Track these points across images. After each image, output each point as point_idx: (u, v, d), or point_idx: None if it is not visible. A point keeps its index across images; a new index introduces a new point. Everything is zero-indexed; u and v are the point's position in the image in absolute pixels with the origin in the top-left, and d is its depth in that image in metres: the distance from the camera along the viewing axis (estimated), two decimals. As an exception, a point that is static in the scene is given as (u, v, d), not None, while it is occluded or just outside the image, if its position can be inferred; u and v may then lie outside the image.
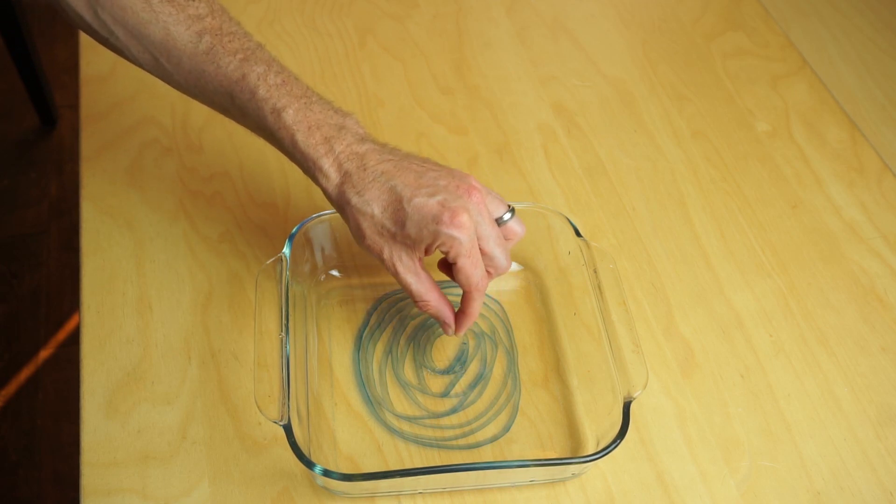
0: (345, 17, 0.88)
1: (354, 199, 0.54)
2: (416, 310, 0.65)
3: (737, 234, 0.73)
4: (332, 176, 0.55)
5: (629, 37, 0.90)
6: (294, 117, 0.55)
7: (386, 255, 0.55)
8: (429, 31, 0.88)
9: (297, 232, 0.61)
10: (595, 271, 0.60)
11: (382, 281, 0.67)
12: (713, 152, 0.79)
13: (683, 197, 0.75)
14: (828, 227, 0.74)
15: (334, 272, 0.67)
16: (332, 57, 0.84)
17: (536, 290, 0.67)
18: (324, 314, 0.65)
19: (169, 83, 0.58)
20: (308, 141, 0.55)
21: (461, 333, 0.59)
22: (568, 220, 0.63)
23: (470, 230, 0.53)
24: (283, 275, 0.58)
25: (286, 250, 0.59)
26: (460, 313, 0.58)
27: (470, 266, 0.54)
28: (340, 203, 0.55)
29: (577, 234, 0.62)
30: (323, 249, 0.65)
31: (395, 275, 0.55)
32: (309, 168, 0.55)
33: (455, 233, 0.52)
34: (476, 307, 0.57)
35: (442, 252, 0.54)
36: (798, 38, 0.91)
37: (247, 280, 0.66)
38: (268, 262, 0.59)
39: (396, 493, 0.56)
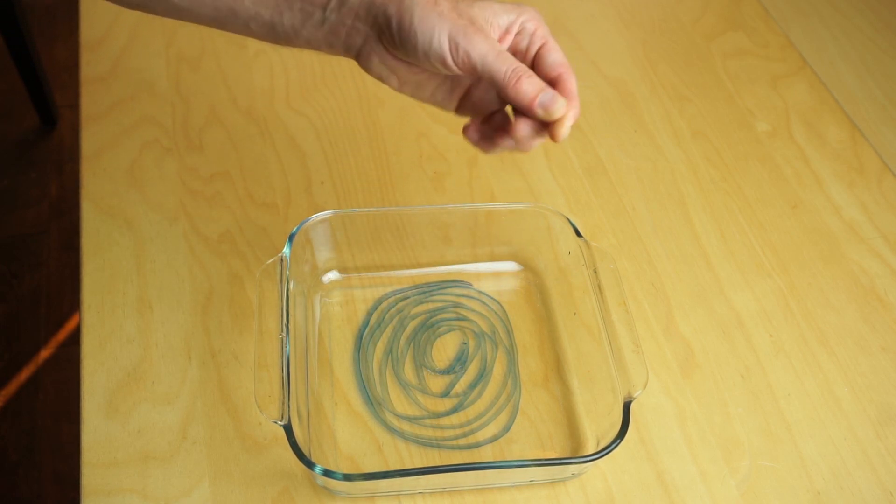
0: (345, 17, 0.88)
1: None
2: (416, 310, 0.65)
3: (737, 234, 0.73)
4: None
5: (629, 37, 0.90)
6: None
7: (466, 14, 0.48)
8: (429, 31, 0.88)
9: (297, 232, 0.61)
10: (595, 271, 0.60)
11: (382, 281, 0.67)
12: (713, 152, 0.79)
13: (683, 197, 0.75)
14: (828, 227, 0.74)
15: (334, 272, 0.67)
16: (333, 57, 0.84)
17: (536, 290, 0.67)
18: (324, 314, 0.65)
19: None
20: None
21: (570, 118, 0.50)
22: (568, 220, 0.63)
23: None
24: (283, 275, 0.58)
25: (286, 250, 0.59)
26: (570, 97, 0.50)
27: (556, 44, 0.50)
28: None
29: (577, 234, 0.62)
30: (323, 249, 0.66)
31: (488, 37, 0.48)
32: None
33: (532, 10, 0.50)
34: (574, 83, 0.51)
35: (523, 28, 0.50)
36: (798, 38, 0.91)
37: (247, 280, 0.66)
38: (268, 262, 0.59)
39: (396, 493, 0.56)
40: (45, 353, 1.46)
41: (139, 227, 0.68)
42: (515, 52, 0.52)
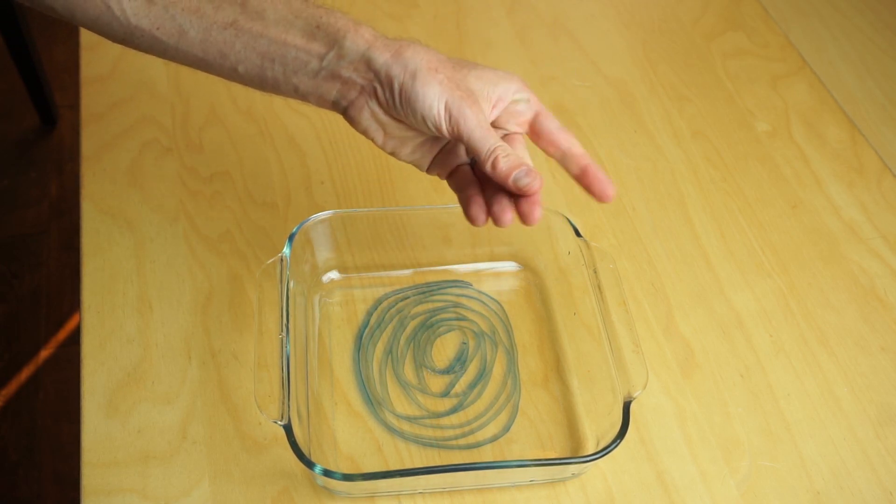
0: (345, 17, 0.88)
1: (406, 44, 0.51)
2: (416, 310, 0.65)
3: (737, 234, 0.73)
4: (370, 33, 0.51)
5: (629, 37, 0.90)
6: None
7: (463, 86, 0.50)
8: (429, 31, 0.88)
9: (297, 232, 0.61)
10: (595, 271, 0.60)
11: (382, 281, 0.67)
12: (713, 152, 0.79)
13: (683, 197, 0.75)
14: (828, 227, 0.74)
15: (334, 272, 0.67)
16: (333, 57, 0.84)
17: (536, 290, 0.67)
18: (324, 314, 0.65)
19: (157, 33, 0.53)
20: (338, 13, 0.52)
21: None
22: (568, 220, 0.63)
23: None
24: (284, 275, 0.58)
25: (286, 250, 0.59)
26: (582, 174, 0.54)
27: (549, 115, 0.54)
28: (395, 45, 0.51)
29: (577, 234, 0.62)
30: (323, 249, 0.66)
31: (479, 113, 0.50)
32: (343, 28, 0.51)
33: (520, 80, 0.53)
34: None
35: (518, 101, 0.53)
36: (798, 38, 0.91)
37: (247, 280, 0.66)
38: (268, 262, 0.59)
39: (396, 493, 0.56)
40: (45, 353, 1.46)
41: (139, 227, 0.68)
42: (511, 118, 0.55)
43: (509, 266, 0.68)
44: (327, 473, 0.50)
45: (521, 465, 0.53)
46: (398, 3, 0.90)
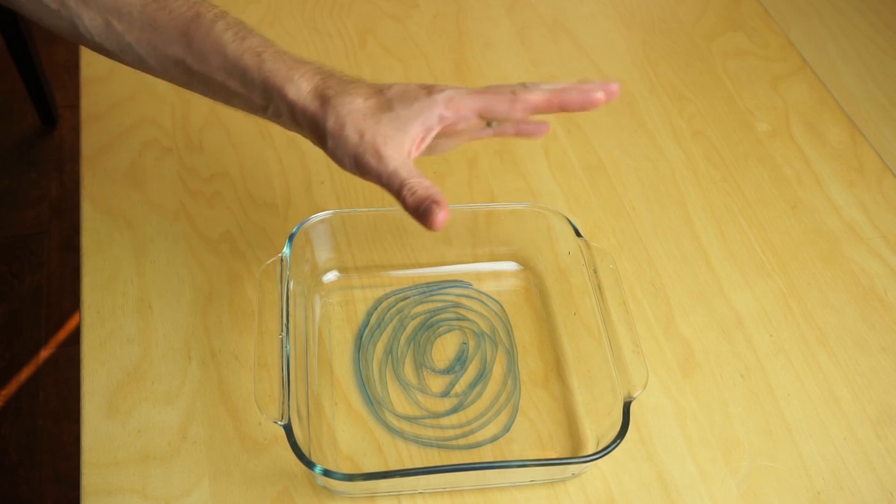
0: (345, 17, 0.88)
1: (334, 94, 0.52)
2: (416, 310, 0.65)
3: (737, 234, 0.73)
4: (305, 84, 0.53)
5: (629, 37, 0.90)
6: (261, 40, 0.54)
7: (368, 136, 0.52)
8: (429, 31, 0.88)
9: (297, 232, 0.61)
10: (595, 271, 0.60)
11: (382, 281, 0.67)
12: (713, 152, 0.79)
13: (683, 197, 0.75)
14: (828, 227, 0.74)
15: (334, 272, 0.67)
16: (333, 57, 0.84)
17: (536, 290, 0.67)
18: (324, 314, 0.65)
19: (122, 57, 0.56)
20: (278, 58, 0.53)
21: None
22: (568, 220, 0.63)
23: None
24: (284, 275, 0.58)
25: (286, 250, 0.59)
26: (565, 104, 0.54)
27: (490, 92, 0.53)
28: (318, 101, 0.52)
29: (577, 234, 0.62)
30: (323, 249, 0.66)
31: (380, 161, 0.52)
32: (274, 86, 0.53)
33: (450, 91, 0.53)
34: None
35: (446, 119, 0.53)
36: (798, 38, 0.91)
37: (247, 280, 0.66)
38: (268, 262, 0.59)
39: (396, 493, 0.56)
40: (45, 353, 1.46)
41: (139, 227, 0.68)
42: (454, 131, 0.55)
43: (509, 266, 0.68)
44: (327, 473, 0.50)
45: (522, 465, 0.53)
46: (398, 3, 0.90)
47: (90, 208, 0.69)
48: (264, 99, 0.54)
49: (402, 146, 0.52)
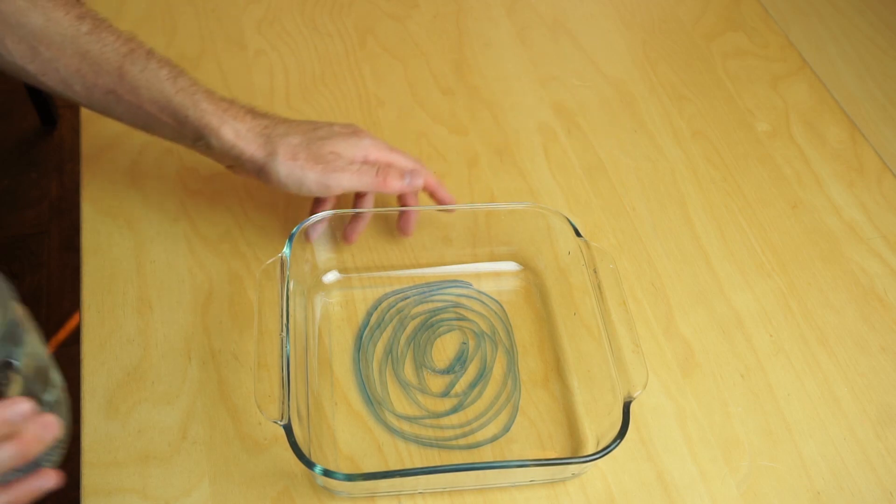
0: (345, 17, 0.88)
1: (276, 133, 0.59)
2: (416, 310, 0.65)
3: (737, 234, 0.73)
4: (241, 125, 0.59)
5: (629, 37, 0.90)
6: (191, 80, 0.59)
7: (317, 169, 0.59)
8: (429, 31, 0.88)
9: (297, 232, 0.61)
10: (595, 271, 0.60)
11: (382, 281, 0.67)
12: (713, 152, 0.79)
13: (683, 197, 0.75)
14: (828, 227, 0.74)
15: (334, 272, 0.67)
16: (332, 57, 0.84)
17: (536, 290, 0.67)
18: (324, 314, 0.65)
19: (43, 79, 0.58)
20: (210, 99, 0.58)
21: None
22: (568, 220, 0.63)
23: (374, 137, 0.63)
24: (284, 275, 0.58)
25: (286, 250, 0.59)
26: (433, 193, 0.66)
27: (398, 154, 0.63)
28: (261, 139, 0.59)
29: (577, 234, 0.62)
30: (323, 249, 0.65)
31: (335, 185, 0.59)
32: (210, 125, 0.58)
33: (368, 138, 0.62)
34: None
35: (366, 159, 0.61)
36: (798, 38, 0.91)
37: (247, 280, 0.66)
38: (268, 262, 0.59)
39: (396, 493, 0.56)
40: (45, 353, 1.46)
41: (139, 227, 0.68)
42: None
43: (509, 266, 0.68)
44: (327, 473, 0.50)
45: (522, 465, 0.53)
46: (398, 3, 0.90)
47: (90, 208, 0.69)
48: (196, 134, 0.59)
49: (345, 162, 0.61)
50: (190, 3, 0.87)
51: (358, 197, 0.66)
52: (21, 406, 0.42)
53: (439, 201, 0.66)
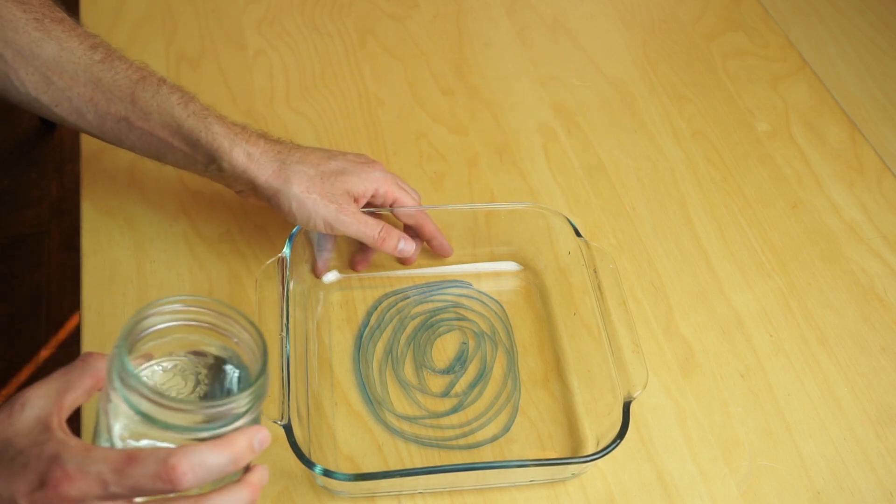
0: (345, 17, 0.88)
1: (291, 160, 0.60)
2: (416, 310, 0.65)
3: (737, 234, 0.73)
4: (259, 144, 0.59)
5: (629, 37, 0.90)
6: (202, 105, 0.59)
7: (329, 203, 0.60)
8: (429, 31, 0.88)
9: (297, 232, 0.61)
10: (595, 271, 0.60)
11: (382, 281, 0.67)
12: (713, 152, 0.79)
13: (683, 197, 0.75)
14: (828, 227, 0.74)
15: (334, 272, 0.67)
16: (332, 57, 0.84)
17: (536, 290, 0.67)
18: (324, 314, 0.65)
19: (56, 110, 0.59)
20: (223, 122, 0.59)
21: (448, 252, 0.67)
22: (568, 220, 0.63)
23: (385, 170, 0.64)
24: (284, 275, 0.58)
25: (286, 250, 0.59)
26: (430, 240, 0.66)
27: (405, 192, 0.63)
28: (276, 164, 0.59)
29: (577, 234, 0.62)
30: (323, 249, 0.65)
31: (341, 226, 0.60)
32: (221, 149, 0.58)
33: (380, 171, 0.63)
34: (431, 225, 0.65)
35: (376, 193, 0.62)
36: (798, 38, 0.91)
37: (247, 280, 0.66)
38: (268, 262, 0.59)
39: (396, 493, 0.56)
40: (44, 353, 1.46)
41: (139, 227, 0.68)
42: (373, 205, 0.64)
43: (509, 266, 0.68)
44: (327, 473, 0.50)
45: (521, 465, 0.53)
46: (398, 4, 0.90)
47: (90, 208, 0.69)
48: (207, 157, 0.59)
49: (354, 198, 0.62)
50: (190, 3, 0.87)
51: (359, 250, 0.67)
52: (263, 434, 0.42)
53: (433, 248, 0.67)
